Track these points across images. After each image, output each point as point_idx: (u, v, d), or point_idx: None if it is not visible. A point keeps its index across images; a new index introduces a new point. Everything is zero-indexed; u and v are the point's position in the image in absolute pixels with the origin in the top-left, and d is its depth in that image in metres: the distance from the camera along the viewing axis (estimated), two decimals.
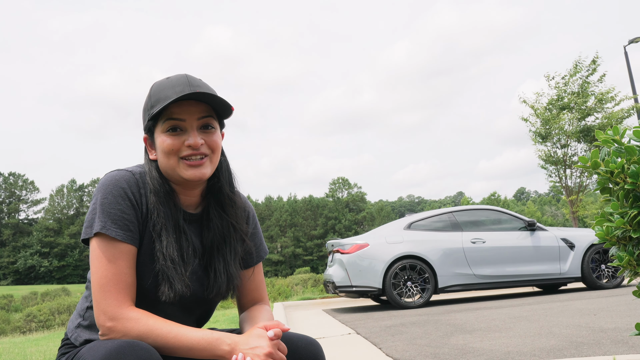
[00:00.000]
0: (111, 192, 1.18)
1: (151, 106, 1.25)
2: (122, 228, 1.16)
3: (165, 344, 1.11)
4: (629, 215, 1.28)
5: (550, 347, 3.16)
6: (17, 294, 37.72)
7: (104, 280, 1.13)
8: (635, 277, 1.36)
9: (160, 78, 1.32)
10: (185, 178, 1.23)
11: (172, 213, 1.25)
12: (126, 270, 1.16)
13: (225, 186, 1.34)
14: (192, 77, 1.26)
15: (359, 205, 79.40)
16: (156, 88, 1.26)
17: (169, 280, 1.19)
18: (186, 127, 1.23)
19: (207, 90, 1.24)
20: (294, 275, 38.74)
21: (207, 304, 1.34)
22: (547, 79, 15.49)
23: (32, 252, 68.09)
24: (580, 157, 1.35)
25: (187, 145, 1.22)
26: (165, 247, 1.20)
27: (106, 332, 1.12)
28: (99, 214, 1.16)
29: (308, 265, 63.80)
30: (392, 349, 3.58)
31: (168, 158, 1.23)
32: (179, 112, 1.22)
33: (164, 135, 1.23)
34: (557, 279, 7.29)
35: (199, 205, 1.34)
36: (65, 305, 20.95)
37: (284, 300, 12.44)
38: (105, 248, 1.15)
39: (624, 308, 4.87)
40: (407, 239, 7.13)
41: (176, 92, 1.20)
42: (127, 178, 1.22)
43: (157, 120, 1.24)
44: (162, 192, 1.24)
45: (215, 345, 1.12)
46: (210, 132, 1.26)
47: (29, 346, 5.67)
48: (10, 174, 75.70)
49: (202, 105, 1.25)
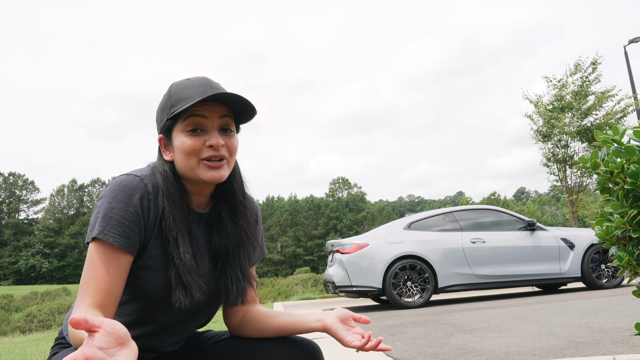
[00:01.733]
0: (116, 197, 1.16)
1: (171, 105, 1.23)
2: (122, 235, 1.15)
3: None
4: (629, 215, 1.28)
5: (550, 347, 3.16)
6: (18, 293, 37.74)
7: (89, 282, 1.12)
8: (635, 277, 1.36)
9: (179, 78, 1.30)
10: (203, 179, 1.22)
11: (186, 217, 1.24)
12: (114, 277, 1.14)
13: (238, 191, 1.33)
14: (213, 80, 1.26)
15: (358, 205, 79.41)
16: (176, 88, 1.25)
17: (185, 286, 1.18)
18: (207, 126, 1.22)
19: (229, 92, 1.25)
20: (294, 275, 38.73)
21: (214, 307, 1.33)
22: (547, 80, 15.51)
23: (33, 252, 68.12)
24: (580, 158, 1.35)
25: (209, 146, 1.21)
26: (182, 253, 1.19)
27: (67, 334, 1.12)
28: (101, 218, 1.15)
29: (308, 265, 63.78)
30: (392, 349, 3.58)
31: (188, 159, 1.21)
32: (202, 110, 1.21)
33: (184, 136, 1.21)
34: (557, 278, 7.29)
35: (207, 205, 1.33)
36: (66, 305, 20.95)
37: (284, 300, 12.45)
38: (100, 253, 1.14)
39: (624, 308, 4.87)
40: (407, 238, 7.13)
41: (199, 93, 1.20)
42: (135, 184, 1.20)
43: (176, 119, 1.23)
44: (177, 195, 1.23)
45: None
46: (230, 135, 1.25)
47: (28, 346, 5.67)
48: (10, 174, 75.73)
49: (224, 107, 1.24)
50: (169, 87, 1.28)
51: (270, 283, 25.19)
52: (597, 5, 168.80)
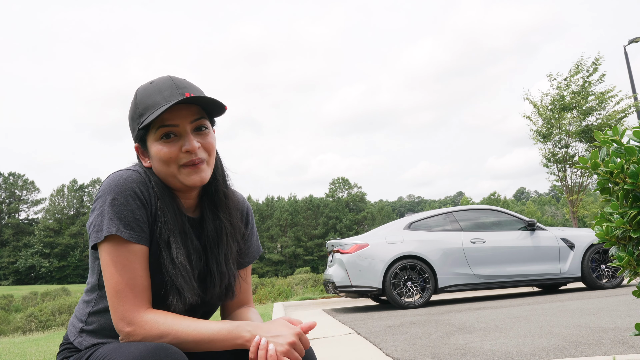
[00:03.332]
0: (120, 192, 1.14)
1: (140, 114, 1.20)
2: (135, 229, 1.14)
3: (185, 339, 1.10)
4: (629, 215, 1.28)
5: (550, 347, 3.16)
6: (18, 294, 37.72)
7: (119, 285, 1.11)
8: (635, 277, 1.36)
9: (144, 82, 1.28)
10: (187, 184, 1.21)
11: (178, 217, 1.22)
12: (141, 273, 1.14)
13: (221, 185, 1.31)
14: (177, 78, 1.23)
15: (358, 205, 79.44)
16: (141, 94, 1.22)
17: (179, 290, 1.17)
18: (180, 132, 1.19)
19: (196, 92, 1.21)
20: (294, 275, 38.75)
21: (209, 307, 1.33)
22: (550, 78, 15.52)
23: (32, 252, 68.12)
24: (580, 158, 1.35)
25: (185, 151, 1.18)
26: (175, 255, 1.18)
27: (125, 337, 1.11)
28: (109, 216, 1.12)
29: (308, 265, 63.83)
30: (392, 349, 3.58)
31: (167, 166, 1.20)
32: (171, 118, 1.18)
33: (159, 145, 1.19)
34: (557, 279, 7.29)
35: (196, 208, 1.32)
36: (66, 305, 20.95)
37: (284, 300, 12.44)
38: (119, 252, 1.12)
39: (624, 308, 4.86)
40: (407, 239, 7.13)
41: (164, 98, 1.17)
42: (135, 177, 1.19)
43: (148, 129, 1.21)
44: (168, 197, 1.22)
45: (236, 333, 1.11)
46: (205, 134, 1.22)
47: (29, 346, 5.67)
48: (10, 174, 75.74)
49: (193, 107, 1.21)
50: (135, 92, 1.25)
51: (270, 283, 25.21)
52: (598, 5, 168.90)
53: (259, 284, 26.76)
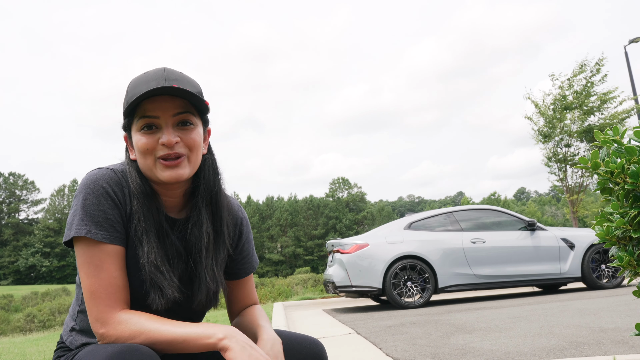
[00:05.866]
0: (92, 192, 1.12)
1: (126, 102, 1.17)
2: (107, 229, 1.12)
3: (158, 339, 1.07)
4: (629, 215, 1.28)
5: (551, 347, 3.16)
6: (18, 293, 37.72)
7: (93, 286, 1.10)
8: (635, 277, 1.36)
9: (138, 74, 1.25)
10: (161, 179, 1.17)
11: (154, 216, 1.18)
12: (115, 274, 1.12)
13: (209, 187, 1.26)
14: (171, 70, 1.19)
15: (358, 205, 79.43)
16: (132, 83, 1.19)
17: (159, 287, 1.14)
18: (161, 124, 1.15)
19: (183, 84, 1.15)
20: (294, 275, 38.74)
21: (194, 314, 1.30)
22: (552, 78, 15.52)
23: (33, 252, 68.14)
24: (581, 158, 1.35)
25: (162, 144, 1.14)
26: (147, 253, 1.15)
27: (100, 339, 1.10)
28: (80, 216, 1.11)
29: (308, 265, 63.83)
30: (392, 349, 3.57)
31: (145, 158, 1.16)
32: (152, 109, 1.15)
33: (139, 135, 1.16)
34: (557, 279, 7.29)
35: (182, 209, 1.28)
36: (66, 305, 20.97)
37: (284, 300, 12.44)
38: (92, 252, 1.11)
39: (624, 308, 4.86)
40: (407, 239, 7.12)
41: (149, 87, 1.12)
42: (108, 176, 1.16)
43: (132, 117, 1.18)
44: (143, 194, 1.18)
45: (210, 332, 1.07)
46: (188, 130, 1.18)
47: (28, 346, 5.67)
48: (10, 174, 75.75)
49: (178, 100, 1.16)
50: (129, 82, 1.23)
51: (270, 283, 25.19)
52: (598, 5, 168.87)
53: (259, 284, 26.76)
